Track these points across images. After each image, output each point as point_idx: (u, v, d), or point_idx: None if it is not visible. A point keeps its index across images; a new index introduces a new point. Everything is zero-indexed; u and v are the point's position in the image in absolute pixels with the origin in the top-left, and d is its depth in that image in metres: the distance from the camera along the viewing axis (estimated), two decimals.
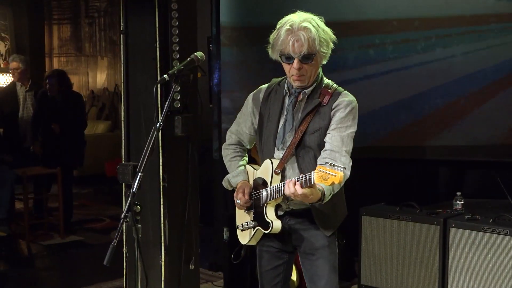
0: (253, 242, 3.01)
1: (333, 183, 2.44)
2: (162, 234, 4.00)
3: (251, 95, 3.06)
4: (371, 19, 4.87)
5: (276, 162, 2.84)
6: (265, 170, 2.90)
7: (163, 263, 4.01)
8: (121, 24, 4.09)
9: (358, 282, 4.47)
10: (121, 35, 4.07)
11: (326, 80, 2.89)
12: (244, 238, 3.04)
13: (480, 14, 4.58)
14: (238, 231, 3.08)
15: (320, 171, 2.44)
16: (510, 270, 3.72)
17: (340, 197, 2.90)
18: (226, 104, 5.44)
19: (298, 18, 2.73)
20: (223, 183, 3.13)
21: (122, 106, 4.14)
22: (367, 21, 4.89)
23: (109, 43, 11.08)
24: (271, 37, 2.79)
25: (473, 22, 4.60)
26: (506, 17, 4.51)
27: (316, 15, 2.78)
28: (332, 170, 2.42)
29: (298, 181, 2.57)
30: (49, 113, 6.94)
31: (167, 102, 2.74)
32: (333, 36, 2.79)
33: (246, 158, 3.16)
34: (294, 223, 2.91)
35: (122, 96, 4.13)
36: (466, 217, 4.00)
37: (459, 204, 4.21)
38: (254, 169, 3.01)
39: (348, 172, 2.71)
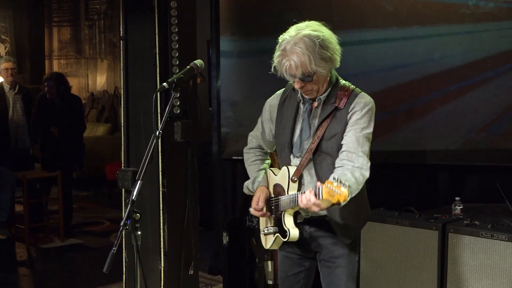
0: (275, 247, 3.00)
1: (338, 201, 2.41)
2: (162, 240, 4.01)
3: (267, 101, 3.03)
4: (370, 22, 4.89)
5: (292, 170, 2.80)
6: (282, 177, 2.87)
7: (162, 268, 4.02)
8: (121, 30, 4.10)
9: (357, 286, 4.48)
10: (121, 41, 4.08)
11: (342, 82, 2.83)
12: (266, 242, 3.02)
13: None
14: (261, 235, 3.05)
15: (328, 187, 2.43)
16: (509, 276, 3.73)
17: (361, 200, 2.87)
18: (226, 107, 5.45)
19: (293, 38, 2.63)
20: (244, 189, 3.10)
21: (122, 111, 4.15)
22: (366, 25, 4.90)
23: (109, 45, 11.09)
24: (274, 55, 2.72)
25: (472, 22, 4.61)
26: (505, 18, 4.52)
27: (319, 24, 2.71)
28: (338, 187, 2.39)
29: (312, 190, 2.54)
30: (48, 116, 6.95)
31: (166, 110, 2.76)
32: (337, 47, 2.71)
33: (269, 161, 3.13)
34: (314, 231, 2.88)
35: (122, 102, 4.14)
36: (464, 222, 4.01)
37: (458, 209, 4.22)
38: (275, 174, 2.97)
39: (367, 173, 2.71)
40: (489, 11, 4.53)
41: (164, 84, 2.73)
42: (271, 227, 2.92)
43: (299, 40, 2.61)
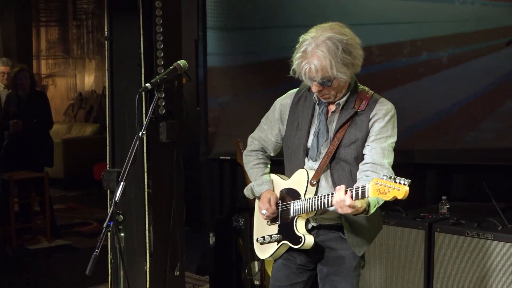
0: (274, 257, 2.82)
1: (394, 198, 2.28)
2: (147, 241, 4.00)
3: (278, 100, 2.86)
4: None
5: (312, 173, 2.65)
6: (298, 181, 2.70)
7: (148, 270, 4.00)
8: (106, 30, 4.09)
9: None
10: (106, 41, 4.07)
11: (361, 87, 2.71)
12: (263, 252, 2.84)
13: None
14: (257, 245, 2.87)
15: (378, 183, 2.30)
16: (494, 275, 3.73)
17: (376, 210, 2.66)
18: (213, 107, 5.44)
19: (315, 40, 2.50)
20: (245, 191, 2.93)
21: (107, 112, 4.14)
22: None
23: (97, 45, 11.07)
24: (293, 56, 2.59)
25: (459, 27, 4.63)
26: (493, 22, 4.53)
27: (342, 25, 2.57)
28: (392, 183, 2.27)
29: (349, 191, 2.41)
30: (14, 112, 6.87)
31: (149, 111, 2.74)
32: (360, 52, 2.58)
33: (269, 166, 2.96)
34: (324, 240, 2.73)
35: (107, 102, 4.13)
36: (451, 221, 4.01)
37: (444, 208, 4.22)
38: (282, 179, 2.82)
39: None
40: (476, 11, 4.54)
41: (147, 84, 2.71)
42: (275, 235, 2.74)
43: (322, 43, 2.49)
